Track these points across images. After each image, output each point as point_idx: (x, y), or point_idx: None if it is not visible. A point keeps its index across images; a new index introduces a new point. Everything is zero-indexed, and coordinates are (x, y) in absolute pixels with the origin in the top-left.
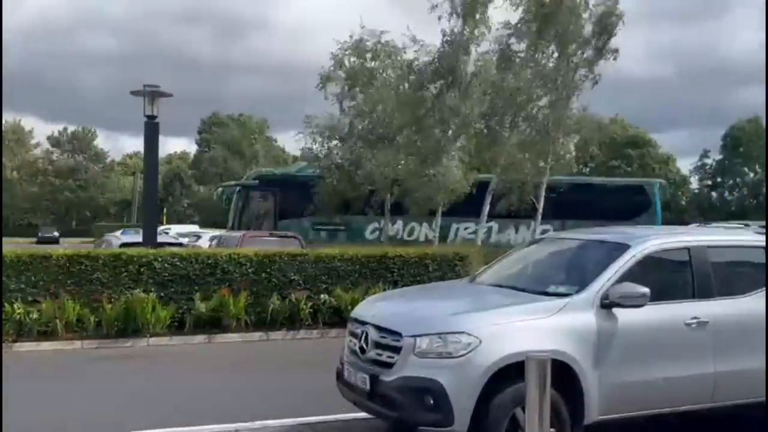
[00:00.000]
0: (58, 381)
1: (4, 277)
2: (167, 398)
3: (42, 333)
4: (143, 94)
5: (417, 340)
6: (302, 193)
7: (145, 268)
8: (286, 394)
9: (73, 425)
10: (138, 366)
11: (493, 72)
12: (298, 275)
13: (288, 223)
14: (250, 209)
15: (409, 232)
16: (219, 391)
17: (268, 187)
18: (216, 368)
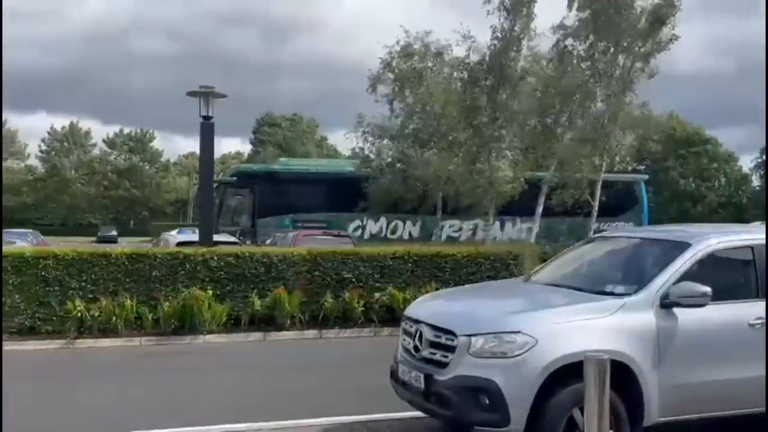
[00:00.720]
0: (118, 377)
1: (65, 275)
2: (223, 394)
3: (102, 330)
4: (199, 95)
5: (472, 340)
6: (282, 189)
7: (201, 267)
8: (340, 391)
9: (128, 419)
10: (195, 363)
11: (546, 68)
12: (350, 274)
13: (268, 220)
14: (229, 206)
15: (392, 229)
16: (274, 388)
17: (247, 183)
18: (271, 365)
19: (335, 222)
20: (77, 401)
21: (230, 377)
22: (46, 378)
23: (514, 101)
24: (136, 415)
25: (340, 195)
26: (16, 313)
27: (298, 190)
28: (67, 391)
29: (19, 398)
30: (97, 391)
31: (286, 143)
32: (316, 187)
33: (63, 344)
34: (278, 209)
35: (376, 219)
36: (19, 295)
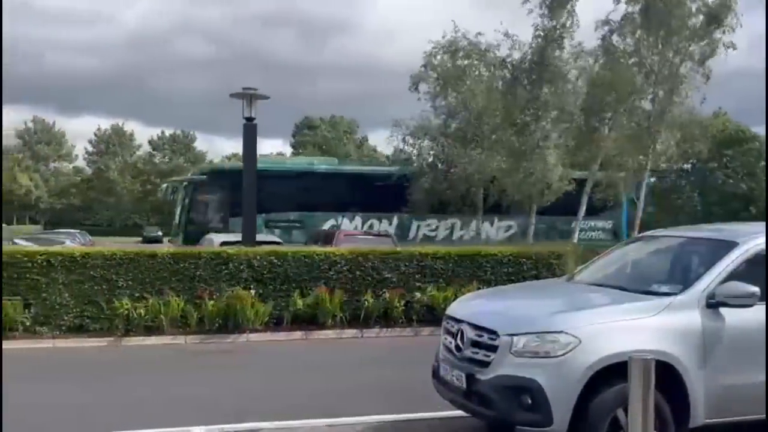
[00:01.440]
0: (166, 374)
1: (112, 275)
2: (268, 393)
3: (148, 328)
4: (242, 97)
5: (514, 339)
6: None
7: (245, 266)
8: (382, 390)
9: (177, 416)
10: (239, 361)
11: (591, 66)
12: (391, 273)
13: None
14: (199, 206)
15: (368, 229)
16: (316, 387)
17: (218, 181)
18: (313, 364)
19: (310, 220)
20: (127, 398)
21: (274, 376)
22: (95, 375)
23: (557, 99)
24: (186, 412)
25: (314, 193)
26: (65, 311)
27: (270, 188)
28: (116, 388)
29: (69, 394)
30: (146, 388)
31: (326, 144)
32: (290, 185)
33: (110, 342)
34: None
35: (351, 218)
36: (68, 294)
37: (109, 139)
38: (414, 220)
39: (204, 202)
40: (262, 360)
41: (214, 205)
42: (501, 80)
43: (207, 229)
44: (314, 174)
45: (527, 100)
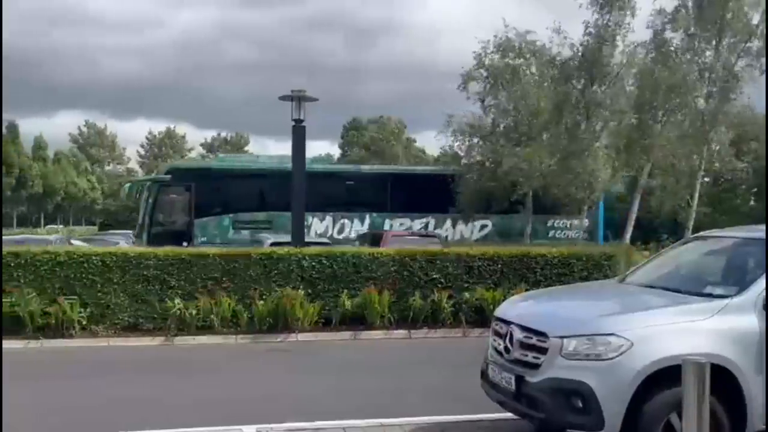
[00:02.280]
0: (215, 372)
1: (165, 274)
2: (316, 391)
3: (200, 327)
4: (291, 99)
5: (564, 341)
6: (221, 188)
7: (294, 266)
8: (431, 391)
9: (223, 413)
10: (288, 360)
11: (643, 63)
12: (439, 274)
13: (206, 221)
14: (163, 206)
15: (339, 229)
16: (366, 386)
17: (183, 181)
18: (362, 364)
19: (279, 221)
20: (179, 396)
21: (324, 375)
22: (149, 373)
23: (608, 97)
24: (237, 411)
25: (282, 192)
26: (120, 310)
27: (237, 188)
28: (169, 386)
29: (122, 392)
30: (198, 386)
31: (375, 145)
32: (257, 184)
33: (163, 341)
34: (216, 208)
35: (321, 218)
36: (122, 294)
37: (162, 142)
38: (386, 220)
39: (168, 203)
40: (312, 359)
41: (179, 206)
42: (551, 78)
43: (172, 229)
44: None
45: (577, 98)
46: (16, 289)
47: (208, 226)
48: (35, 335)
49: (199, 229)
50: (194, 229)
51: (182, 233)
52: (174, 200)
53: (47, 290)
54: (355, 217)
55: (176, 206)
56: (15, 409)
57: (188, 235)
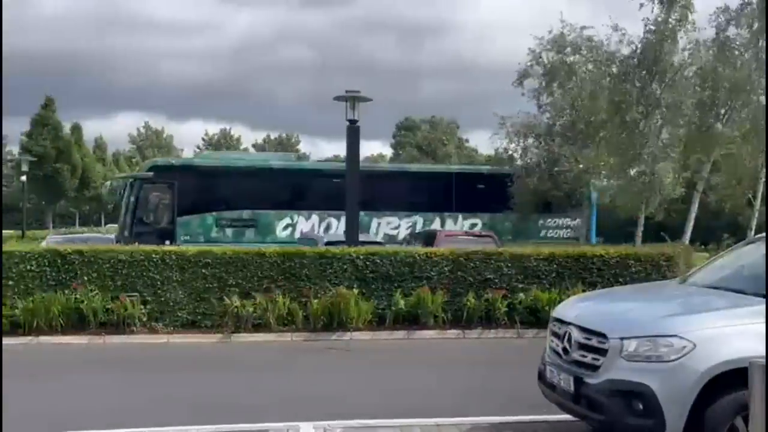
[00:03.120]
0: (271, 370)
1: (223, 273)
2: (370, 389)
3: (256, 325)
4: (345, 100)
5: (624, 343)
6: (204, 185)
7: (348, 266)
8: (487, 391)
9: (280, 410)
10: (343, 358)
11: (705, 60)
12: (493, 274)
13: (188, 218)
14: (145, 204)
15: (325, 228)
16: (420, 386)
17: (165, 178)
18: (417, 363)
19: (263, 219)
20: (236, 393)
21: (379, 374)
22: (209, 369)
23: (669, 96)
24: (294, 408)
25: (268, 190)
26: (179, 308)
27: (221, 185)
28: (227, 382)
29: (180, 388)
30: (255, 383)
31: (427, 145)
32: (241, 182)
33: (221, 338)
34: (200, 206)
35: (307, 217)
36: (182, 291)
37: (217, 143)
38: (373, 218)
39: (151, 200)
40: (366, 358)
41: (162, 203)
42: (609, 76)
43: (154, 228)
44: (268, 171)
45: (636, 96)
46: (80, 286)
47: (192, 225)
48: (98, 331)
49: (182, 227)
50: (177, 228)
51: (165, 231)
52: (156, 198)
53: (109, 287)
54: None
55: (159, 204)
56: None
57: (171, 234)
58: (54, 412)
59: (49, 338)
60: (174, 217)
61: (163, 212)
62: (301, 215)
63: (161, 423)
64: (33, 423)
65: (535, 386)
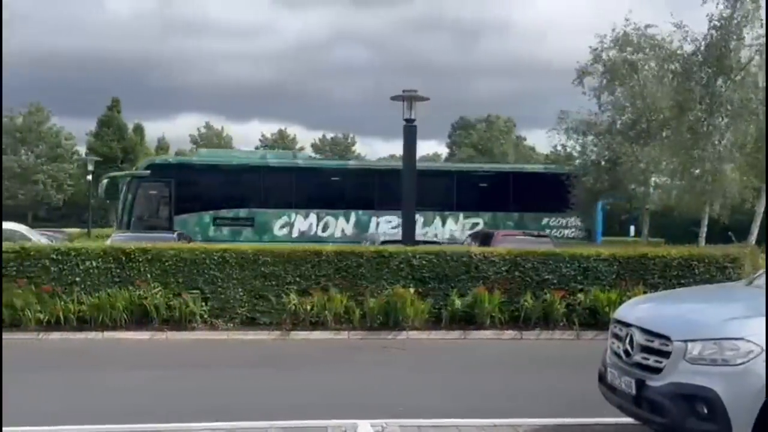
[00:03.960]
0: (329, 367)
1: (281, 271)
2: (428, 389)
3: (313, 323)
4: (402, 99)
5: (688, 345)
6: (201, 183)
7: (404, 265)
8: (545, 392)
9: (337, 407)
10: (400, 357)
11: None
12: (551, 275)
13: (185, 217)
14: (142, 203)
15: (323, 227)
16: (477, 386)
17: (162, 176)
18: (474, 363)
19: (260, 217)
20: (294, 390)
21: (436, 374)
22: (268, 366)
23: (735, 94)
24: (351, 406)
25: (265, 188)
26: (239, 305)
27: (218, 183)
28: (286, 379)
29: (239, 383)
30: (314, 380)
31: (483, 144)
32: (238, 180)
33: (279, 335)
34: (197, 205)
35: (305, 215)
36: (241, 289)
37: (275, 143)
38: (373, 217)
39: (147, 198)
40: (423, 357)
41: (158, 201)
42: (671, 73)
43: (151, 225)
44: (265, 169)
45: (700, 95)
46: (143, 283)
47: (188, 223)
48: (160, 327)
49: (179, 225)
50: (174, 226)
51: (162, 230)
52: (153, 196)
53: (172, 285)
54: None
55: (155, 202)
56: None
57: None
58: (123, 405)
59: (114, 333)
60: (171, 215)
61: (160, 210)
62: (299, 214)
63: (220, 418)
64: (100, 415)
65: (596, 388)
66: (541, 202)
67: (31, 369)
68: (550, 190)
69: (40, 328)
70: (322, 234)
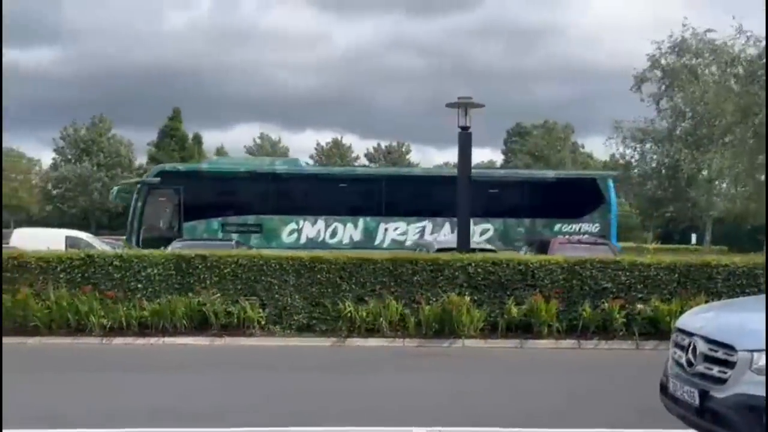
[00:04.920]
0: (386, 374)
1: (337, 278)
2: (484, 397)
3: (369, 330)
4: (457, 106)
5: (754, 355)
6: (210, 190)
7: (460, 272)
8: (605, 402)
9: (394, 414)
10: (457, 365)
11: None
12: (610, 283)
13: (195, 224)
14: (152, 209)
15: (331, 233)
16: (536, 395)
17: (172, 183)
18: (530, 372)
19: (268, 224)
20: (351, 396)
21: (493, 382)
22: (325, 372)
23: None
24: (407, 413)
25: (273, 195)
26: (295, 312)
27: (227, 190)
28: (343, 385)
29: (304, 387)
30: (370, 387)
31: (539, 151)
32: (247, 187)
33: (335, 342)
34: (206, 212)
35: (313, 222)
36: (298, 296)
37: (330, 152)
38: (381, 224)
39: (157, 205)
40: (480, 366)
41: (168, 208)
42: (734, 78)
43: (162, 232)
44: (273, 176)
45: (765, 98)
46: (203, 290)
47: (197, 229)
48: (219, 333)
49: (188, 232)
50: (182, 233)
51: (171, 236)
52: (163, 203)
53: (230, 291)
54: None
55: (165, 209)
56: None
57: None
58: (191, 407)
59: (174, 339)
60: (180, 221)
61: (169, 217)
62: (307, 220)
63: (276, 424)
64: (160, 418)
65: (657, 399)
66: (554, 209)
67: (98, 370)
68: (562, 196)
69: (104, 333)
70: (330, 240)
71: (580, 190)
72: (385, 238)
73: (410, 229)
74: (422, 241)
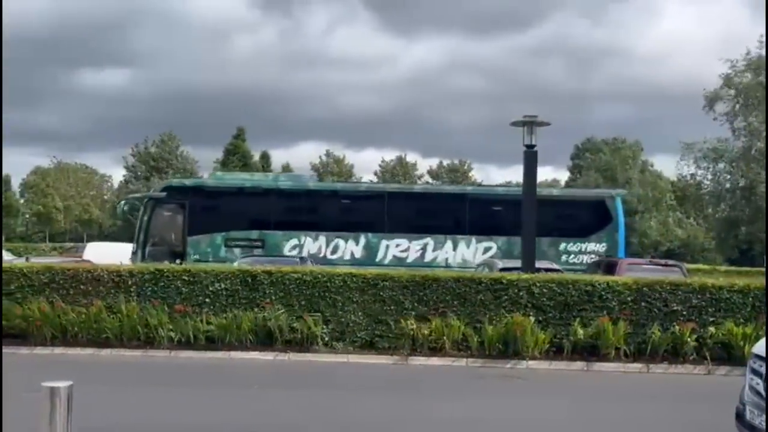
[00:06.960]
0: (451, 394)
1: (400, 296)
2: (550, 421)
3: (432, 348)
4: (523, 124)
5: None
6: (215, 205)
7: (524, 292)
8: (677, 429)
9: None
10: (520, 387)
11: None
12: (681, 306)
13: (198, 238)
14: (158, 224)
15: (333, 249)
16: (604, 420)
17: (178, 198)
18: (598, 395)
19: (270, 239)
20: (412, 416)
21: (560, 406)
22: (388, 390)
23: None
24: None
25: (276, 211)
26: (358, 328)
27: (231, 205)
28: (406, 404)
29: (367, 405)
30: (431, 406)
31: (608, 169)
32: (250, 202)
33: (398, 360)
34: (210, 226)
35: (314, 237)
36: (361, 312)
37: (394, 170)
38: (383, 240)
39: (163, 220)
40: (545, 388)
41: (174, 223)
42: None
43: (167, 246)
44: (276, 191)
45: None
46: (268, 305)
47: (201, 243)
48: (283, 348)
49: (192, 246)
50: (187, 247)
51: (177, 250)
52: (169, 217)
53: (294, 306)
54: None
55: (171, 223)
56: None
57: (182, 253)
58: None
59: (240, 353)
60: (185, 236)
61: (174, 231)
62: (309, 236)
63: None
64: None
65: (733, 427)
66: (558, 227)
67: (170, 385)
68: (567, 214)
69: (172, 346)
70: (332, 256)
71: (587, 209)
72: (387, 254)
73: (412, 246)
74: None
